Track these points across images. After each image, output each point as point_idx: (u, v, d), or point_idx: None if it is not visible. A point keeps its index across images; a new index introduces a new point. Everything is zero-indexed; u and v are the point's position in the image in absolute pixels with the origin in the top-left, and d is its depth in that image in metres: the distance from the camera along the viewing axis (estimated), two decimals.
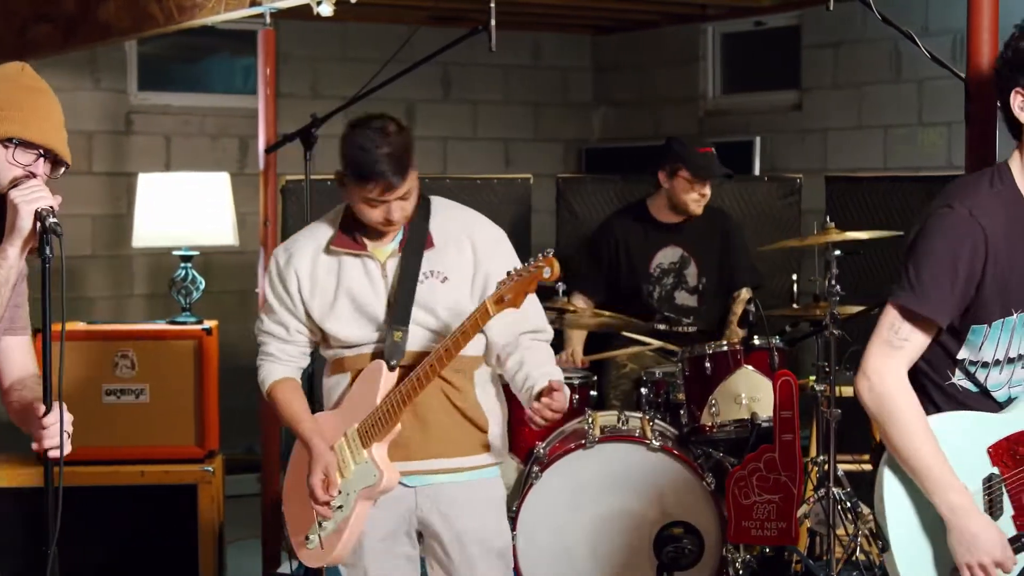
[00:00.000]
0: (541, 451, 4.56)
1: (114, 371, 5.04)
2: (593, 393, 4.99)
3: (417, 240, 3.54)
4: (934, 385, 2.85)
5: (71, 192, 7.29)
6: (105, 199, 7.46)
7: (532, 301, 3.60)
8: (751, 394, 4.60)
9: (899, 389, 2.77)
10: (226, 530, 5.54)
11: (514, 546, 4.29)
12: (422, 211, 3.58)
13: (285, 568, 5.31)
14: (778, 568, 4.65)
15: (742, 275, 5.45)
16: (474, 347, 3.56)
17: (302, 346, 3.65)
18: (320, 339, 3.64)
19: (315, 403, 3.89)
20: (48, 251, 2.73)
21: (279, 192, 5.53)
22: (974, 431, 2.79)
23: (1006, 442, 2.78)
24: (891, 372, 2.77)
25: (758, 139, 7.72)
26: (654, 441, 4.38)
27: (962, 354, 2.81)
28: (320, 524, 3.55)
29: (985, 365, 2.80)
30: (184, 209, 5.28)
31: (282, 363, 3.66)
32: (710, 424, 4.63)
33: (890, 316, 2.78)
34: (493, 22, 4.54)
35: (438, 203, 3.65)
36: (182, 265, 5.26)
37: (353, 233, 3.56)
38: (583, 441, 4.40)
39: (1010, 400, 2.87)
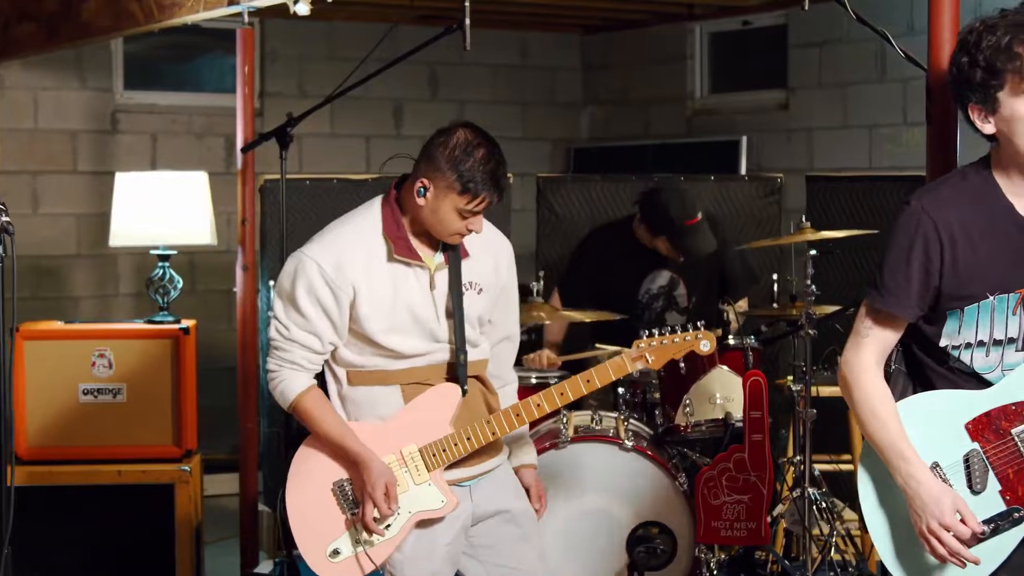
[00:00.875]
0: None
1: (91, 370, 5.03)
2: None
3: (455, 251, 3.50)
4: (935, 373, 2.90)
5: (56, 191, 7.38)
6: (90, 198, 7.46)
7: (509, 307, 3.67)
8: (725, 394, 4.58)
9: (863, 373, 2.87)
10: (208, 530, 5.55)
11: None
12: None
13: (263, 568, 5.30)
14: (753, 568, 4.64)
15: (740, 284, 5.42)
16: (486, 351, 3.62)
17: (327, 355, 3.50)
18: (351, 345, 3.48)
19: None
20: (0, 250, 2.72)
21: (258, 191, 5.52)
22: (948, 409, 2.83)
23: (986, 417, 2.81)
24: (857, 359, 2.88)
25: (744, 139, 7.71)
26: (627, 441, 4.36)
27: (944, 341, 2.85)
28: (358, 540, 3.43)
29: (968, 346, 2.83)
30: (162, 208, 5.26)
31: (306, 372, 3.47)
32: (684, 424, 4.61)
33: (861, 310, 2.90)
34: (467, 21, 4.53)
35: None
36: (160, 264, 5.25)
37: (409, 241, 3.45)
38: (556, 441, 4.39)
39: None
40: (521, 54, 8.79)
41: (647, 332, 3.42)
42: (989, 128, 2.76)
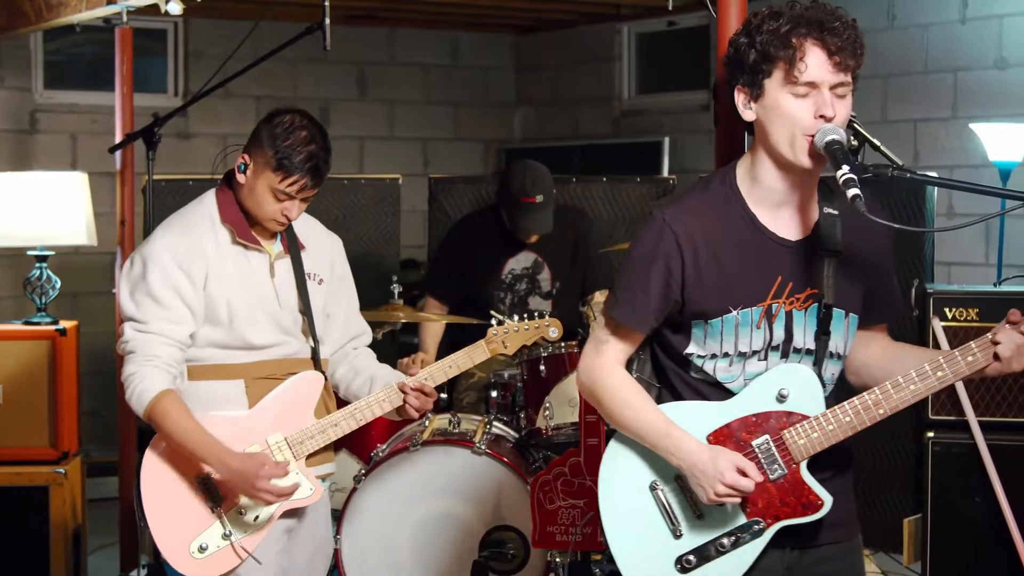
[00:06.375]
0: (380, 453, 4.50)
1: None
2: (443, 396, 4.94)
3: (294, 243, 3.54)
4: (680, 380, 2.81)
5: None
6: None
7: (351, 306, 3.70)
8: None
9: (604, 371, 2.78)
10: (97, 533, 5.49)
11: (338, 549, 4.28)
12: None
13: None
14: (608, 571, 4.58)
15: (597, 276, 5.35)
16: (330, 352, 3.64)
17: (187, 351, 3.42)
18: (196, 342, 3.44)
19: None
20: None
21: (141, 192, 5.49)
22: (692, 419, 2.73)
23: (727, 429, 2.71)
24: (597, 362, 2.80)
25: (667, 139, 7.67)
26: (480, 444, 4.32)
27: (690, 349, 2.77)
28: (227, 534, 3.40)
29: (713, 357, 2.75)
30: (37, 209, 5.22)
31: (167, 371, 3.35)
32: (544, 428, 4.56)
33: (603, 317, 2.82)
34: (328, 20, 4.54)
35: None
36: (37, 265, 5.22)
37: (248, 226, 3.46)
38: (407, 444, 4.35)
39: None
40: (452, 54, 8.74)
41: (497, 320, 3.60)
42: (750, 115, 2.68)
